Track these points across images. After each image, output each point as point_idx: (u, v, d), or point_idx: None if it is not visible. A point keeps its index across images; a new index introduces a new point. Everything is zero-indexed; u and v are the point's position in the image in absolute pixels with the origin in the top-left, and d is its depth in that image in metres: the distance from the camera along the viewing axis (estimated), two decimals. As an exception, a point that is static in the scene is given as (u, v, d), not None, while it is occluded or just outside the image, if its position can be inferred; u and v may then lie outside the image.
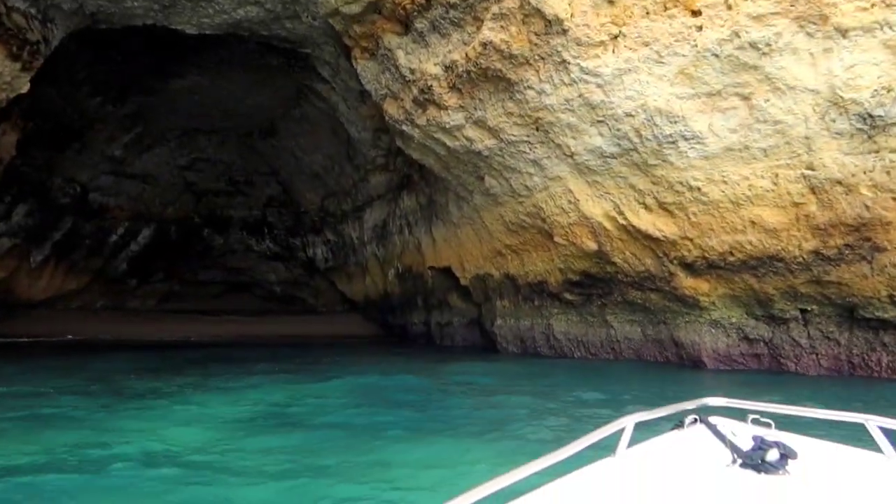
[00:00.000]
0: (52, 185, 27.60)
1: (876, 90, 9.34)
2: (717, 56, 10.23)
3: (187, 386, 11.77)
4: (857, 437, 2.35)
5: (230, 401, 9.83)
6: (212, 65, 23.85)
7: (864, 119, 9.57)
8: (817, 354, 11.78)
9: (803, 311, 11.87)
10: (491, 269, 18.02)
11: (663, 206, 12.30)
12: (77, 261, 30.87)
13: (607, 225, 13.39)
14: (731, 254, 11.81)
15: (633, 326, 14.88)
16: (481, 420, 8.51)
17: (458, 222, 18.71)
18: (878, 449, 2.20)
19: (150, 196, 32.17)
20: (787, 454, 2.12)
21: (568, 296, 15.74)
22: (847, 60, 9.41)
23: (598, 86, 11.48)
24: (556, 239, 14.64)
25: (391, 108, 15.93)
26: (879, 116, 9.43)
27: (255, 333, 29.74)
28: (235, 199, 35.27)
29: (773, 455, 2.10)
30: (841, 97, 9.60)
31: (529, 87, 12.38)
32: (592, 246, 13.94)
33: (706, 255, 12.15)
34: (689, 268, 12.60)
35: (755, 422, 2.36)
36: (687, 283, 12.82)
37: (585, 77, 11.50)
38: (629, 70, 11.04)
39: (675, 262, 12.69)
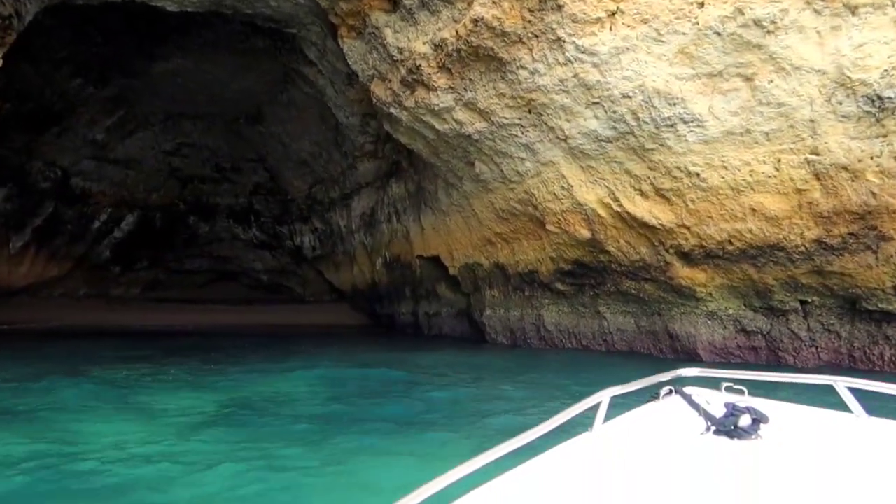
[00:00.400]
0: (31, 168, 26.97)
1: (886, 70, 8.91)
2: (719, 34, 9.75)
3: (163, 375, 11.46)
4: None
5: (206, 392, 9.67)
6: (196, 47, 23.22)
7: (873, 101, 9.13)
8: (817, 347, 11.41)
9: (803, 303, 11.49)
10: (480, 258, 17.56)
11: (660, 193, 11.85)
12: (59, 247, 30.25)
13: (601, 212, 12.93)
14: (730, 242, 11.39)
15: (627, 318, 14.47)
16: (462, 413, 8.28)
17: (447, 210, 18.21)
18: (847, 409, 2.26)
19: (134, 182, 31.48)
20: (758, 419, 2.16)
21: (559, 286, 15.30)
22: (856, 39, 8.96)
23: (594, 65, 10.98)
24: (548, 226, 14.17)
25: (378, 90, 15.37)
26: (889, 98, 8.99)
27: (242, 323, 29.27)
28: (221, 186, 34.55)
29: (745, 420, 2.15)
30: (849, 78, 9.16)
31: (522, 67, 11.85)
32: (586, 234, 13.49)
33: (704, 243, 11.72)
34: (686, 257, 12.18)
35: (728, 389, 2.40)
36: (683, 272, 12.40)
37: (581, 56, 10.99)
38: (627, 49, 10.54)
39: (671, 250, 12.26)
